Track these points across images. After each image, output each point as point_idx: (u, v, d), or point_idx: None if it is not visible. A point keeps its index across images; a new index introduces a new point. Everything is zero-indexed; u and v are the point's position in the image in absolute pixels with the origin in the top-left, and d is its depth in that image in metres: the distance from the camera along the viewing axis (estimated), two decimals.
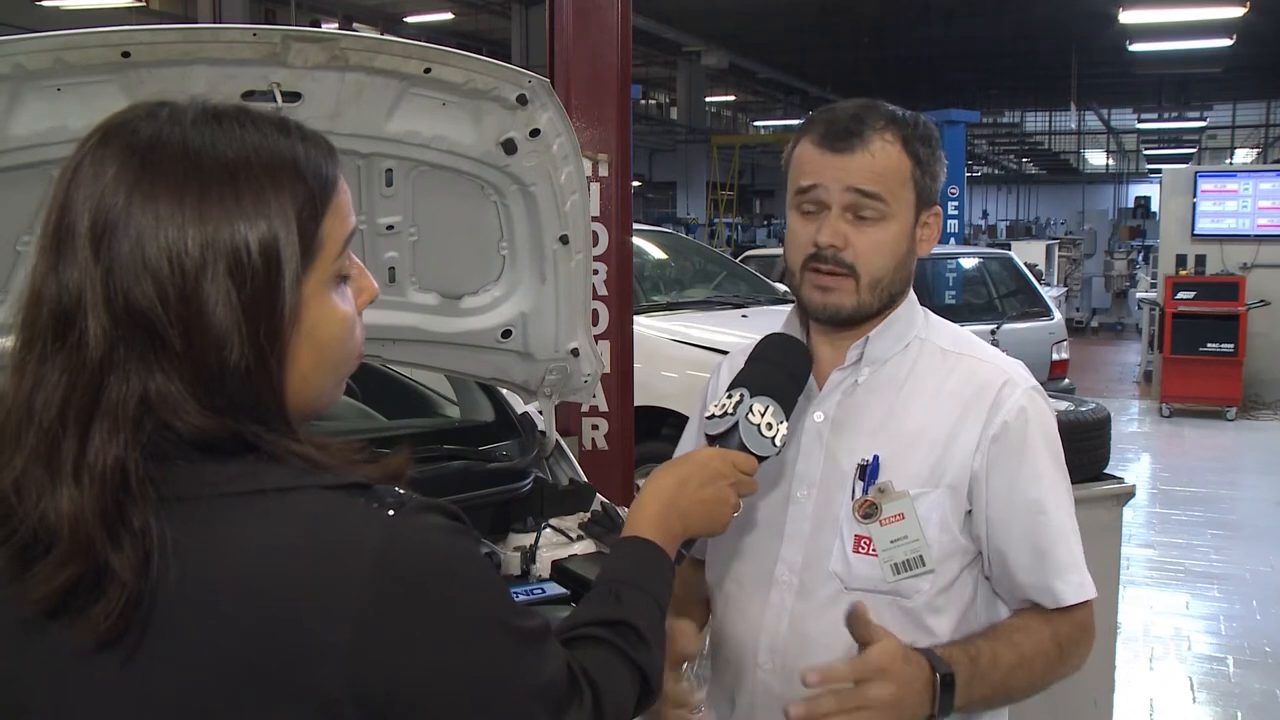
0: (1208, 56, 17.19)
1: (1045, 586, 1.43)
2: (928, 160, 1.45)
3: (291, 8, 14.86)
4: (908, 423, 1.45)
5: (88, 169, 0.86)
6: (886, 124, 1.42)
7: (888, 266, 1.43)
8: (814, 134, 1.43)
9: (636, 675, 1.05)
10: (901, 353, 1.49)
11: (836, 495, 1.45)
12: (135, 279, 0.83)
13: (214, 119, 0.88)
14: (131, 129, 0.87)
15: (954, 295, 9.19)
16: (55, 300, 0.84)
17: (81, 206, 0.85)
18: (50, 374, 0.83)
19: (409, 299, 2.26)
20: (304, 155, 0.89)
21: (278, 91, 1.78)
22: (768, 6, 15.42)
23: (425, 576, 0.86)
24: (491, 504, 2.38)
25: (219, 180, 0.85)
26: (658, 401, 5.16)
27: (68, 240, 0.85)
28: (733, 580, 1.54)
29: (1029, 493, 1.42)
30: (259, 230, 0.85)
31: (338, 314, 0.92)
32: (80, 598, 0.81)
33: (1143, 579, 5.67)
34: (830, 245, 1.41)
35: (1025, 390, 1.45)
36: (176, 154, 0.85)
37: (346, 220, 0.93)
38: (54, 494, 0.82)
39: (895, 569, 1.41)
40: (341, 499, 0.86)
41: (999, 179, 36.93)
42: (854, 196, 1.40)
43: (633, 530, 1.20)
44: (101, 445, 0.82)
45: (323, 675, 0.82)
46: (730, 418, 1.31)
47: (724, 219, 21.46)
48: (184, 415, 0.84)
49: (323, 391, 0.93)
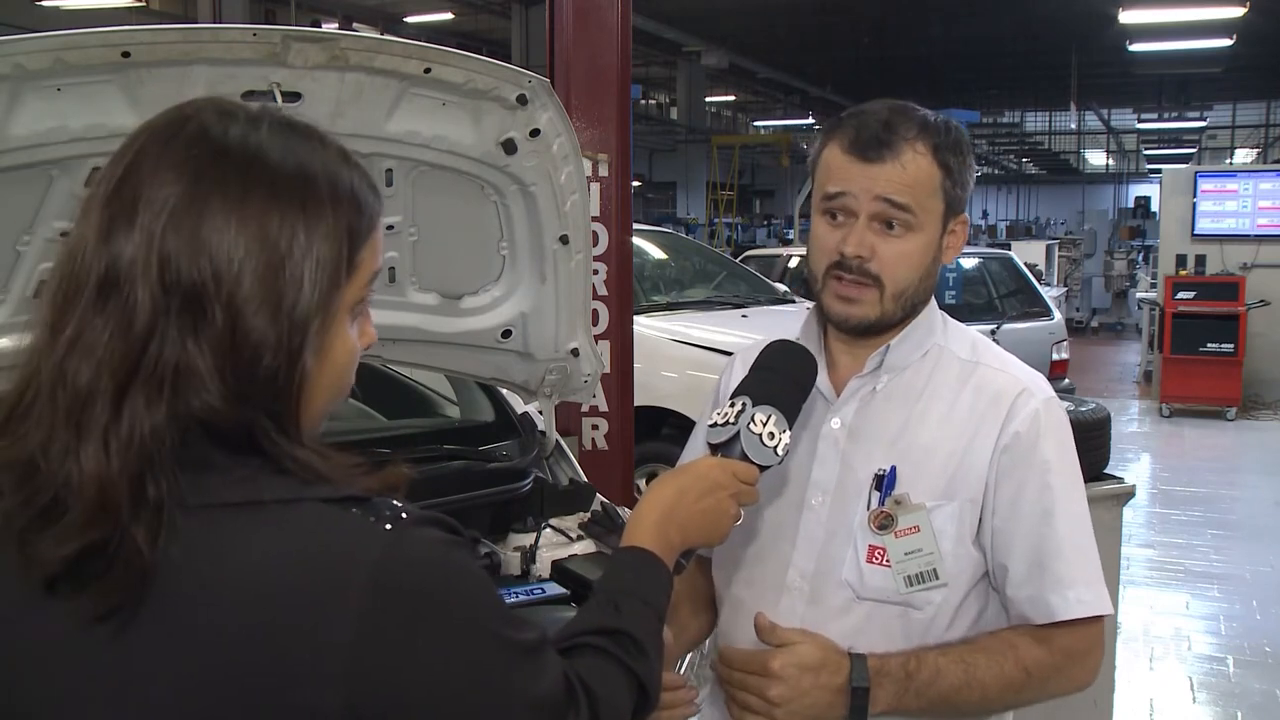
0: (1208, 56, 17.19)
1: (1039, 599, 1.39)
2: (958, 169, 1.43)
3: (291, 8, 14.86)
4: (924, 434, 1.43)
5: (155, 147, 0.88)
6: (918, 133, 1.40)
7: (913, 278, 1.42)
8: (843, 139, 1.41)
9: (634, 685, 1.05)
10: (919, 361, 1.47)
11: (851, 504, 1.44)
12: (194, 256, 0.85)
13: (288, 129, 0.92)
14: (206, 119, 0.90)
15: (954, 295, 9.18)
16: (105, 269, 0.85)
17: (146, 181, 0.86)
18: (89, 338, 0.84)
19: (409, 299, 2.26)
20: (359, 185, 0.94)
21: (278, 91, 1.78)
22: (768, 6, 15.43)
23: (421, 590, 0.86)
24: (491, 504, 2.38)
25: (289, 186, 0.88)
26: (658, 401, 5.16)
27: (127, 211, 0.86)
28: (743, 584, 1.53)
29: (1036, 504, 1.40)
30: (316, 240, 0.88)
31: (349, 343, 0.95)
32: (91, 566, 0.82)
33: (1143, 579, 5.67)
34: (856, 256, 1.40)
35: (1041, 400, 1.43)
36: (252, 153, 0.88)
37: (378, 256, 0.96)
38: (81, 456, 0.82)
39: (909, 581, 1.40)
40: (339, 513, 0.87)
41: (999, 179, 36.90)
42: (882, 206, 1.39)
43: (631, 540, 1.20)
44: (140, 412, 0.83)
45: (316, 688, 0.82)
46: (732, 427, 1.30)
47: (724, 219, 21.45)
48: (204, 394, 0.84)
49: (318, 413, 0.94)
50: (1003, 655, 1.39)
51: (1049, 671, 1.40)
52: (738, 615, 1.52)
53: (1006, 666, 1.38)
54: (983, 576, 1.44)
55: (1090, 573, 1.41)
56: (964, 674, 1.37)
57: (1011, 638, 1.41)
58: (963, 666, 1.37)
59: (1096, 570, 1.42)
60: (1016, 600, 1.41)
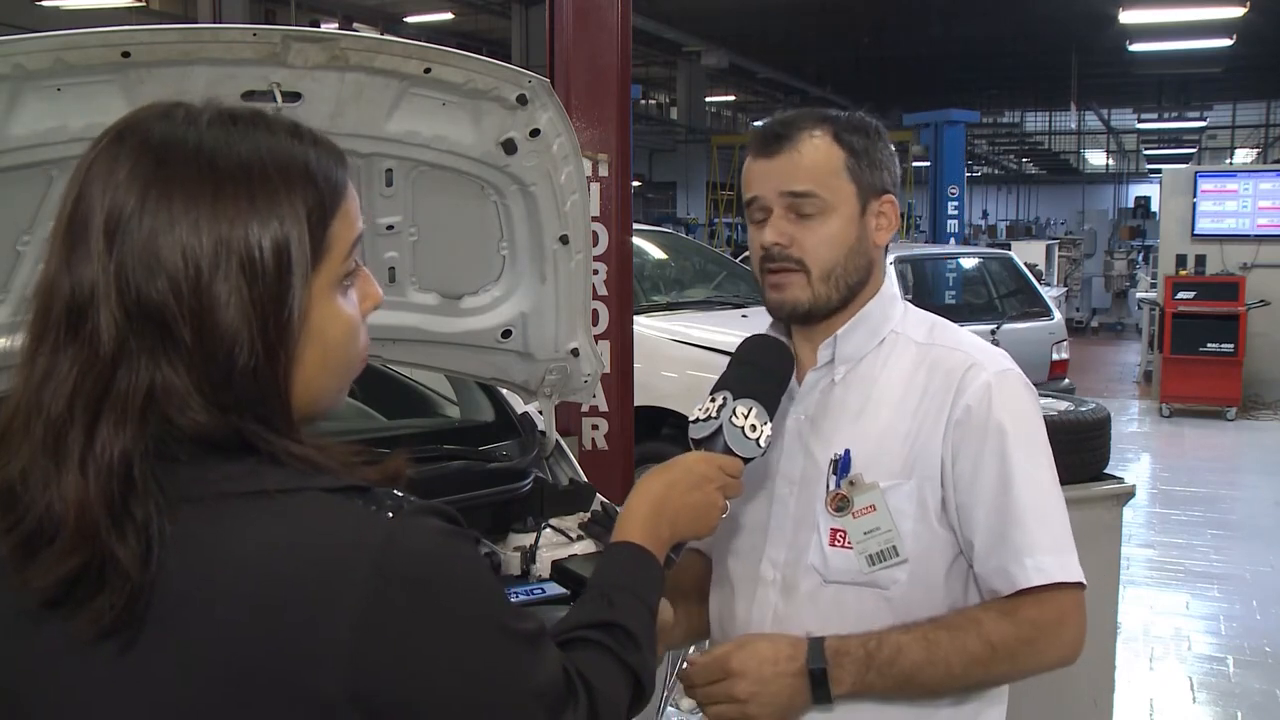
0: (1208, 56, 17.19)
1: (1001, 569, 1.39)
2: (864, 149, 1.47)
3: (291, 8, 14.85)
4: (880, 417, 1.46)
5: (101, 166, 0.87)
6: (816, 123, 1.47)
7: (837, 257, 1.46)
8: (752, 147, 1.50)
9: (630, 677, 1.06)
10: (876, 349, 1.50)
11: (815, 491, 1.47)
12: (149, 274, 0.84)
13: (229, 120, 0.90)
14: (146, 128, 0.88)
15: (954, 295, 9.20)
16: (68, 295, 0.85)
17: (95, 203, 0.86)
18: (60, 366, 0.84)
19: (409, 299, 2.26)
20: (315, 159, 0.91)
21: (278, 91, 1.79)
22: (768, 6, 15.41)
23: (423, 579, 0.86)
24: (491, 504, 2.38)
25: (233, 180, 0.86)
26: (658, 401, 5.17)
27: (81, 236, 0.85)
28: (726, 578, 1.57)
29: (993, 474, 1.40)
30: (271, 230, 0.86)
31: (343, 317, 0.93)
32: (82, 589, 0.82)
33: (1143, 579, 5.67)
34: (775, 243, 1.46)
35: (993, 373, 1.44)
36: (191, 153, 0.87)
37: (354, 225, 0.94)
38: (60, 483, 0.82)
39: (870, 560, 1.42)
40: (340, 501, 0.87)
41: (999, 179, 36.91)
42: (789, 198, 1.45)
43: (622, 535, 1.22)
44: (109, 436, 0.83)
45: (320, 677, 0.82)
46: (714, 421, 1.35)
47: (724, 219, 21.45)
48: (188, 411, 0.84)
49: (326, 394, 0.94)
50: (965, 631, 1.38)
51: (1017, 645, 1.38)
52: (721, 609, 1.57)
53: (970, 642, 1.37)
54: (957, 556, 1.44)
55: (1054, 540, 1.39)
56: (926, 651, 1.36)
57: (976, 613, 1.41)
58: (925, 644, 1.37)
59: (1062, 537, 1.40)
60: (984, 575, 1.42)
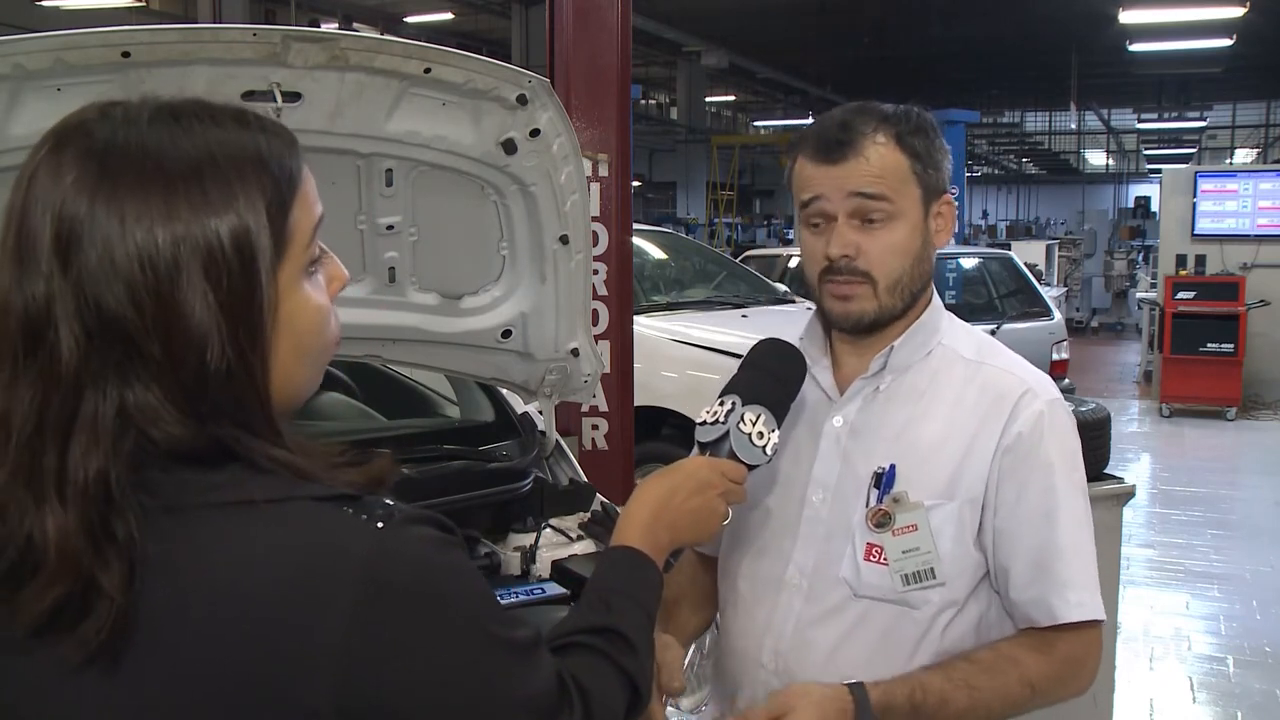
0: (1208, 56, 17.18)
1: (1042, 601, 1.39)
2: (926, 151, 1.43)
3: (291, 8, 14.85)
4: (926, 433, 1.43)
5: (44, 176, 0.83)
6: (877, 125, 1.41)
7: (904, 266, 1.42)
8: (808, 148, 1.43)
9: (626, 683, 1.05)
10: (924, 360, 1.47)
11: (851, 502, 1.44)
12: (106, 286, 0.80)
13: (171, 116, 0.86)
14: (85, 131, 0.84)
15: (954, 295, 9.19)
16: (22, 313, 0.81)
17: (42, 216, 0.82)
18: (24, 389, 0.81)
19: (409, 299, 2.26)
20: (267, 147, 0.87)
21: (278, 91, 1.78)
22: (768, 6, 15.41)
23: (414, 588, 0.85)
24: (491, 504, 2.38)
25: (183, 177, 0.82)
26: (658, 401, 5.16)
27: (29, 251, 0.82)
28: (745, 579, 1.53)
29: (1038, 506, 1.39)
30: (230, 224, 0.83)
31: (312, 304, 0.91)
32: (69, 614, 0.80)
33: (1143, 579, 5.66)
34: (843, 255, 1.41)
35: (1045, 401, 1.43)
36: (136, 154, 0.83)
37: (313, 209, 0.91)
38: (38, 513, 0.80)
39: (905, 579, 1.40)
40: (330, 511, 0.85)
41: (999, 179, 36.91)
42: (857, 201, 1.40)
43: (621, 539, 1.20)
44: (81, 459, 0.80)
45: (310, 688, 0.81)
46: (721, 425, 1.32)
47: (724, 219, 21.46)
48: (163, 425, 0.82)
49: (303, 383, 0.92)
50: (1005, 674, 1.38)
51: (1052, 684, 1.40)
52: (737, 611, 1.53)
53: (1010, 684, 1.38)
54: (984, 578, 1.44)
55: (1090, 577, 1.41)
56: (969, 698, 1.36)
57: (1012, 651, 1.40)
58: (967, 691, 1.36)
59: (1095, 575, 1.42)
60: (1020, 603, 1.41)
